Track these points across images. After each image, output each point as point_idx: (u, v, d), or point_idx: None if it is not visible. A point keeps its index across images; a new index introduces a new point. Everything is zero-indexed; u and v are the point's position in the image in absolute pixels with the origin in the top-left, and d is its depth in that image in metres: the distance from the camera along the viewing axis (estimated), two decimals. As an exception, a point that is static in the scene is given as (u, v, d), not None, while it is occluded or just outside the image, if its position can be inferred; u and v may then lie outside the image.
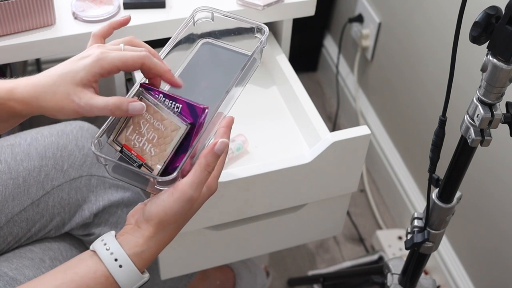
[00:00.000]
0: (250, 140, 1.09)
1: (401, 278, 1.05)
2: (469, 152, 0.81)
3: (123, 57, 0.70)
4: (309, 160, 0.99)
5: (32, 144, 0.98)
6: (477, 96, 0.74)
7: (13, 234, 0.95)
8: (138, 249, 0.68)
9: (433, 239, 0.93)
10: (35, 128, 1.03)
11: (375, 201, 1.73)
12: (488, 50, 0.70)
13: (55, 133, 1.00)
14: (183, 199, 0.67)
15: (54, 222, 0.98)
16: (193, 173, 0.68)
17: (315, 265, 1.59)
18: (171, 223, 0.69)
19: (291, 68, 1.16)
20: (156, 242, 0.69)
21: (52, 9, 1.03)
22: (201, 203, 0.71)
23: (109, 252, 0.67)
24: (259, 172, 0.97)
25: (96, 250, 0.68)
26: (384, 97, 1.71)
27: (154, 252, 0.69)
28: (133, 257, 0.68)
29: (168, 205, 0.67)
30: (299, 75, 1.15)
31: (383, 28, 1.63)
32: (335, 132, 0.99)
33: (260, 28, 0.80)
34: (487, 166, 1.25)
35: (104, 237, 0.69)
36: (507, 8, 0.65)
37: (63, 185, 0.98)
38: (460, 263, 1.42)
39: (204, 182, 0.69)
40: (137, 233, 0.69)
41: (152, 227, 0.68)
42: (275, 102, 1.18)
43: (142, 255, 0.68)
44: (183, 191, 0.67)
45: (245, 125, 1.13)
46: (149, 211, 0.69)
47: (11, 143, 0.98)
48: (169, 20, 1.09)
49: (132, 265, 0.67)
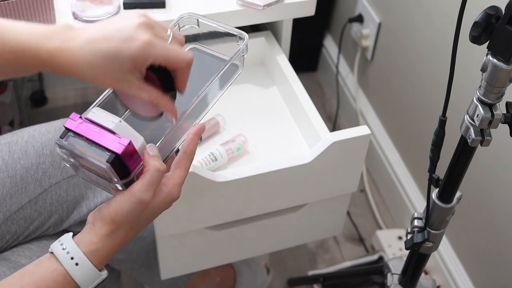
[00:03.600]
0: (250, 140, 1.09)
1: (401, 278, 1.05)
2: (469, 152, 0.81)
3: (168, 56, 0.69)
4: (309, 160, 0.99)
5: (30, 141, 0.98)
6: (477, 96, 0.74)
7: (11, 233, 0.95)
8: (93, 247, 0.69)
9: (433, 239, 0.93)
10: (32, 125, 1.03)
11: (375, 201, 1.73)
12: (488, 50, 0.70)
13: (53, 130, 1.00)
14: (132, 200, 0.67)
15: (52, 220, 0.98)
16: (144, 176, 0.68)
17: (315, 265, 1.59)
18: (124, 223, 0.69)
19: (291, 68, 1.16)
20: (111, 241, 0.69)
21: (52, 9, 1.03)
22: (158, 208, 0.71)
23: (65, 252, 0.68)
24: (259, 172, 0.97)
25: (54, 251, 0.69)
26: (384, 97, 1.71)
27: (110, 250, 0.70)
28: (89, 254, 0.68)
29: (119, 206, 0.68)
30: (299, 75, 1.15)
31: (383, 28, 1.64)
32: (335, 132, 0.99)
33: (241, 37, 0.80)
34: (487, 166, 1.25)
35: (62, 238, 0.70)
36: (507, 8, 0.65)
37: (61, 183, 0.98)
38: (460, 263, 1.42)
39: (155, 184, 0.68)
40: (92, 232, 0.69)
41: (106, 226, 0.69)
42: (275, 102, 1.18)
43: (97, 253, 0.69)
44: (132, 192, 0.68)
45: (245, 125, 1.13)
46: (103, 211, 0.69)
47: (8, 141, 0.98)
48: (169, 20, 1.09)
49: (88, 262, 0.68)
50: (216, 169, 1.04)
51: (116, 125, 0.67)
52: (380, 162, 1.72)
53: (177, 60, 0.70)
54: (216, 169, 1.04)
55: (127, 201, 0.68)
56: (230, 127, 1.13)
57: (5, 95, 1.58)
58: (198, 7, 1.11)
